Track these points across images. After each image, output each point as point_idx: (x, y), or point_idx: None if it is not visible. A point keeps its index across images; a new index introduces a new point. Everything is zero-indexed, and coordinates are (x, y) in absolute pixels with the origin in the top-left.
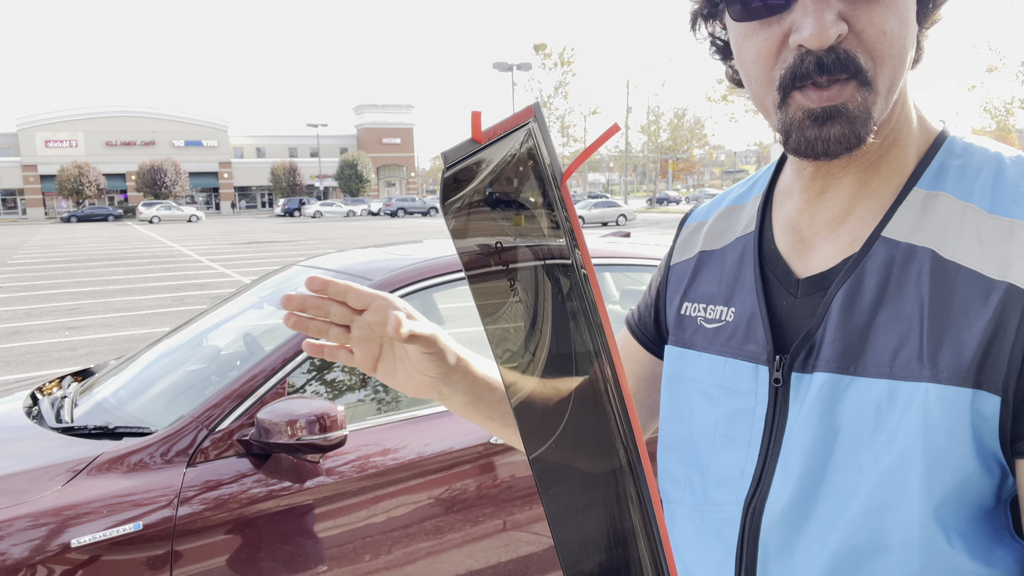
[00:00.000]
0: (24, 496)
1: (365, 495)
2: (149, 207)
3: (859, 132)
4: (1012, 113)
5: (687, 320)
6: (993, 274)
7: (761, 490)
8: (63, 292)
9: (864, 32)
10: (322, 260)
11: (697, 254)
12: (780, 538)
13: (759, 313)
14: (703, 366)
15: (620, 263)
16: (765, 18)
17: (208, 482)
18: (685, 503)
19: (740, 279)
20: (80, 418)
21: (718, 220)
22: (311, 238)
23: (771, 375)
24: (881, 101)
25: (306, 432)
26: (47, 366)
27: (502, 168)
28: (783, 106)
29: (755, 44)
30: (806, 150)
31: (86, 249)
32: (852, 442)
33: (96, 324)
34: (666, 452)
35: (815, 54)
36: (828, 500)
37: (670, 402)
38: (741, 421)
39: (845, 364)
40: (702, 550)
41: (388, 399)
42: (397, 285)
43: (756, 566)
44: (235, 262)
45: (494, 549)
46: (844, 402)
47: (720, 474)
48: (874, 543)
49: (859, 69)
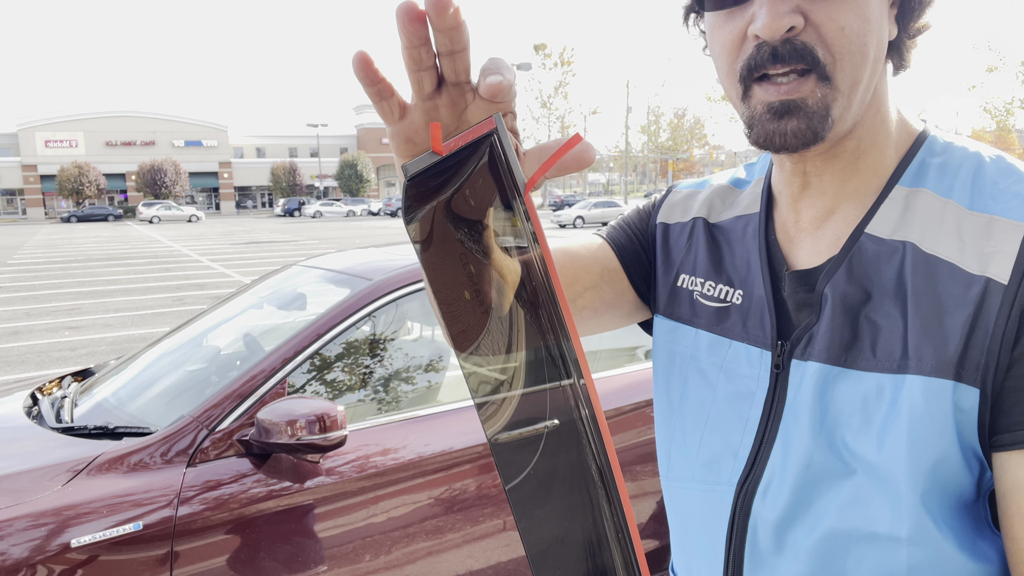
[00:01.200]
0: (24, 496)
1: (365, 495)
2: (149, 207)
3: (816, 128)
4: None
5: (682, 293)
6: (972, 269)
7: (754, 474)
8: (63, 292)
9: (822, 27)
10: (322, 260)
11: (692, 219)
12: (770, 521)
13: (767, 301)
14: (702, 344)
15: None
16: (730, 8)
17: (208, 482)
18: (680, 478)
19: (748, 262)
20: (80, 418)
21: (715, 193)
22: (311, 238)
23: (772, 360)
24: (843, 99)
25: (306, 432)
26: (47, 366)
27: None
28: (745, 98)
29: (720, 36)
30: (765, 142)
31: (86, 249)
32: (842, 431)
33: (96, 324)
34: (662, 420)
35: (770, 44)
36: (819, 486)
37: (662, 373)
38: (740, 403)
39: (836, 356)
40: (695, 528)
41: (388, 399)
42: (397, 285)
43: (745, 545)
44: (235, 262)
45: (494, 549)
46: (834, 393)
47: (712, 453)
48: (862, 531)
49: (817, 61)
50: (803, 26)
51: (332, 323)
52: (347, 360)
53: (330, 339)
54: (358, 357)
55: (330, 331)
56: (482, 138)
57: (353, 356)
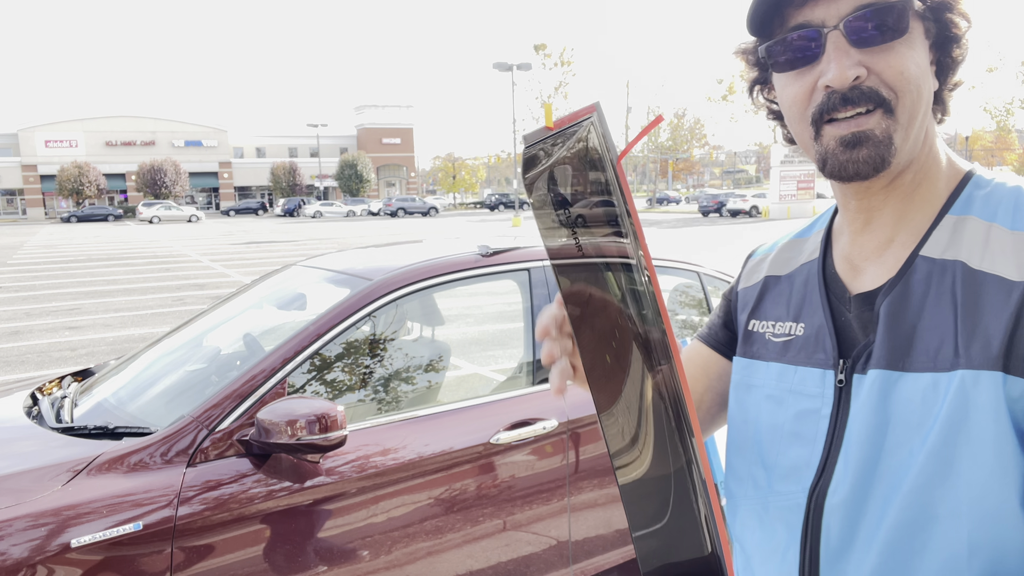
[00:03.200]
0: (24, 496)
1: (365, 495)
2: (149, 207)
3: (883, 154)
4: (1012, 113)
5: (755, 335)
6: (1013, 276)
7: (824, 479)
8: (63, 292)
9: (884, 73)
10: (322, 260)
11: (763, 279)
12: (842, 518)
13: (826, 326)
14: (772, 374)
15: None
16: (800, 68)
17: (208, 482)
18: (748, 497)
19: (807, 298)
20: (80, 418)
21: (782, 251)
22: (311, 238)
23: (835, 377)
24: (902, 130)
25: (306, 432)
26: (47, 366)
27: (569, 151)
28: (817, 138)
29: (792, 90)
30: (839, 172)
31: (86, 249)
32: (902, 428)
33: (96, 324)
34: (732, 452)
35: (839, 92)
36: (884, 481)
37: (737, 407)
38: (808, 420)
39: (894, 362)
40: (764, 536)
41: (388, 399)
42: (397, 285)
43: (820, 545)
44: (235, 262)
45: (494, 549)
46: (894, 394)
47: (786, 467)
48: (925, 515)
49: (882, 99)
50: (867, 75)
51: (332, 323)
52: (347, 360)
53: (330, 339)
54: (358, 357)
55: (330, 331)
56: (585, 119)
57: (353, 356)
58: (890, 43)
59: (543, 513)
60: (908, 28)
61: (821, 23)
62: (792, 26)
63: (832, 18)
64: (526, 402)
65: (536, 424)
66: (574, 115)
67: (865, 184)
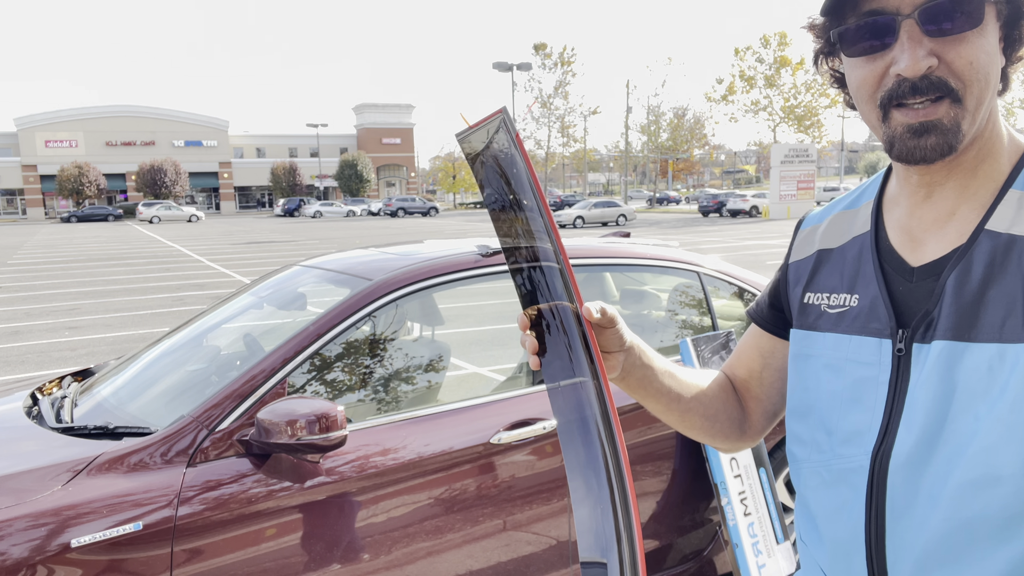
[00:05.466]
0: (24, 496)
1: (365, 495)
2: (149, 207)
3: (951, 142)
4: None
5: (810, 307)
6: None
7: (887, 442)
8: (63, 292)
9: (953, 63)
10: (322, 260)
11: (816, 252)
12: (905, 478)
13: (881, 296)
14: (828, 344)
15: (620, 263)
16: (870, 55)
17: (208, 482)
18: (811, 460)
19: (861, 270)
20: (80, 418)
21: (833, 223)
22: (311, 238)
23: (894, 346)
24: (969, 116)
25: (306, 432)
26: (47, 366)
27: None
28: (885, 120)
29: (862, 73)
30: (907, 157)
31: (86, 249)
32: (969, 396)
33: (96, 324)
34: (794, 418)
35: (910, 80)
36: (949, 444)
37: (796, 376)
38: (867, 387)
39: (960, 333)
40: (829, 496)
41: (388, 399)
42: (397, 285)
43: (885, 503)
44: (235, 262)
45: (494, 549)
46: (961, 364)
47: (847, 432)
48: (989, 475)
49: (950, 89)
50: (937, 65)
51: (332, 323)
52: (347, 360)
53: (330, 339)
54: (358, 357)
55: (330, 331)
56: (493, 119)
57: (353, 356)
58: (963, 33)
59: (543, 513)
60: (983, 18)
61: (896, 10)
62: (866, 11)
63: (907, 6)
64: (526, 402)
65: (536, 424)
66: (486, 117)
67: (927, 166)
